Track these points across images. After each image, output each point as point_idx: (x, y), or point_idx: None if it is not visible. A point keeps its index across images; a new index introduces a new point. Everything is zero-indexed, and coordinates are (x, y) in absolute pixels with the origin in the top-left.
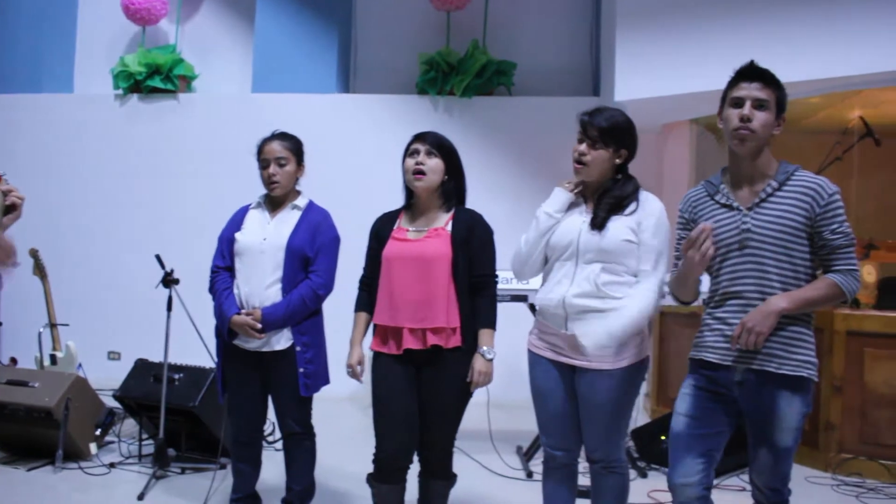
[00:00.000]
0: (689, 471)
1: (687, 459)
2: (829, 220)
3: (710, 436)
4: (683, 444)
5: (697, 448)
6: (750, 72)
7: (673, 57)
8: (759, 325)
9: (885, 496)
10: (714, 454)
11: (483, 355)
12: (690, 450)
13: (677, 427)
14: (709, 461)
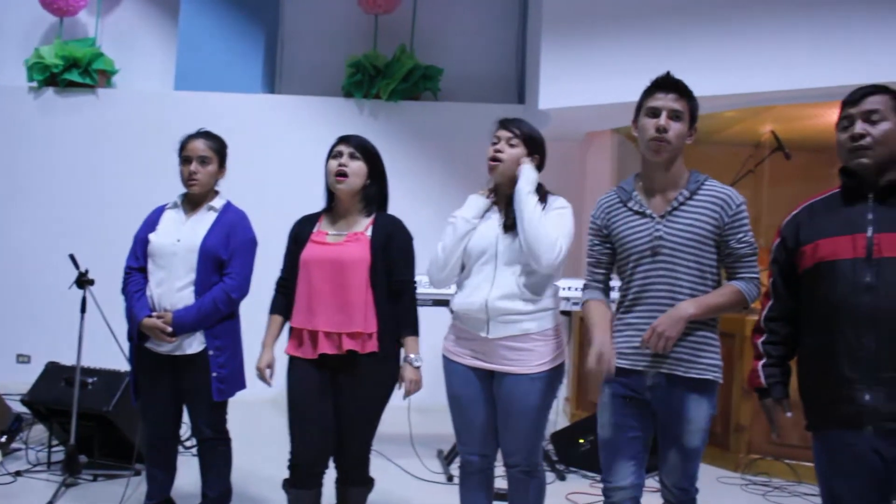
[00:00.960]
0: (620, 475)
1: (618, 464)
2: (736, 230)
3: (634, 440)
4: (613, 451)
5: (627, 452)
6: (666, 83)
7: (597, 67)
8: (668, 330)
9: (789, 494)
10: (641, 456)
11: (411, 363)
12: (620, 455)
13: (604, 435)
14: (638, 464)
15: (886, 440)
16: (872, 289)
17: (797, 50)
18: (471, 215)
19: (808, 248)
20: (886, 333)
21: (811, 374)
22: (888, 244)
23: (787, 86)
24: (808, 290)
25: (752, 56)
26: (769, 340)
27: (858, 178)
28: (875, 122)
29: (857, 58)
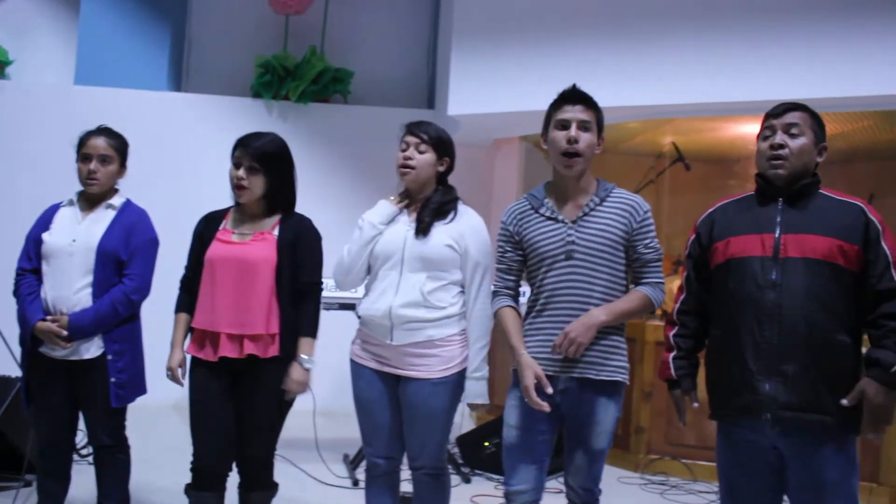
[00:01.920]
0: (523, 478)
1: (521, 468)
2: (642, 236)
3: (539, 443)
4: (517, 454)
5: (529, 456)
6: (573, 95)
7: (505, 75)
8: (580, 336)
9: (685, 492)
10: (544, 459)
11: (301, 364)
12: (523, 459)
13: (509, 438)
14: (540, 467)
15: (784, 434)
16: (777, 286)
17: (698, 65)
18: (378, 220)
19: (721, 244)
20: (787, 328)
21: (717, 363)
22: (793, 245)
23: (688, 99)
24: (718, 284)
25: (654, 70)
26: (680, 333)
27: (772, 183)
28: (794, 135)
29: (754, 75)
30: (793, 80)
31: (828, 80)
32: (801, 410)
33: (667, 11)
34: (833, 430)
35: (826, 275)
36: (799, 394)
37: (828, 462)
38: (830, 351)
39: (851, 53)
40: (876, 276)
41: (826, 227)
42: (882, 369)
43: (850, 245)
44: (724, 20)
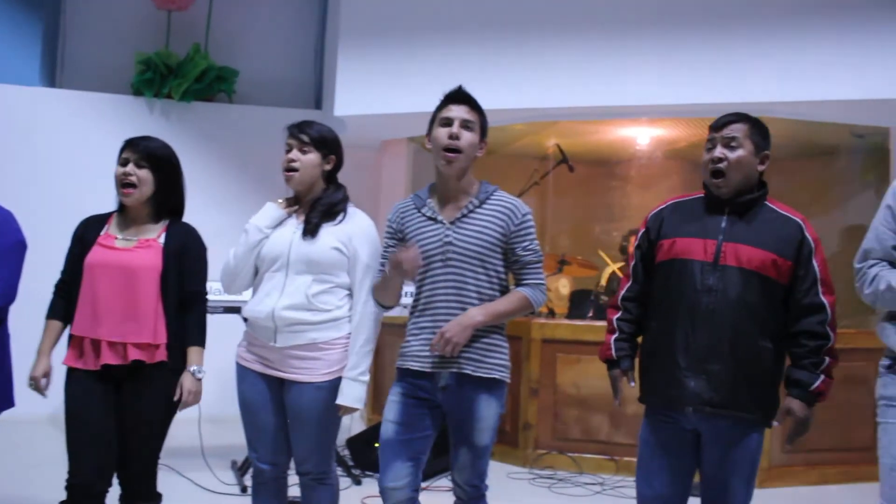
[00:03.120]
0: (398, 475)
1: (396, 464)
2: (521, 238)
3: (417, 440)
4: (393, 450)
5: (406, 453)
6: (458, 95)
7: (393, 76)
8: (456, 336)
9: (572, 485)
10: (421, 457)
11: (193, 374)
12: (399, 455)
13: (387, 434)
14: (416, 464)
15: (704, 420)
16: (713, 291)
17: (580, 70)
18: (264, 224)
19: (667, 242)
20: (717, 332)
21: (651, 354)
22: (732, 254)
23: (571, 103)
24: (660, 280)
25: (539, 73)
26: (623, 318)
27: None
28: (733, 147)
29: (632, 80)
30: (668, 86)
31: (698, 87)
32: (722, 407)
33: (550, 17)
34: (751, 423)
35: (758, 285)
36: (721, 392)
37: (740, 446)
38: (753, 355)
39: (722, 62)
40: (802, 291)
41: (764, 241)
42: (802, 389)
43: (783, 260)
44: (604, 27)
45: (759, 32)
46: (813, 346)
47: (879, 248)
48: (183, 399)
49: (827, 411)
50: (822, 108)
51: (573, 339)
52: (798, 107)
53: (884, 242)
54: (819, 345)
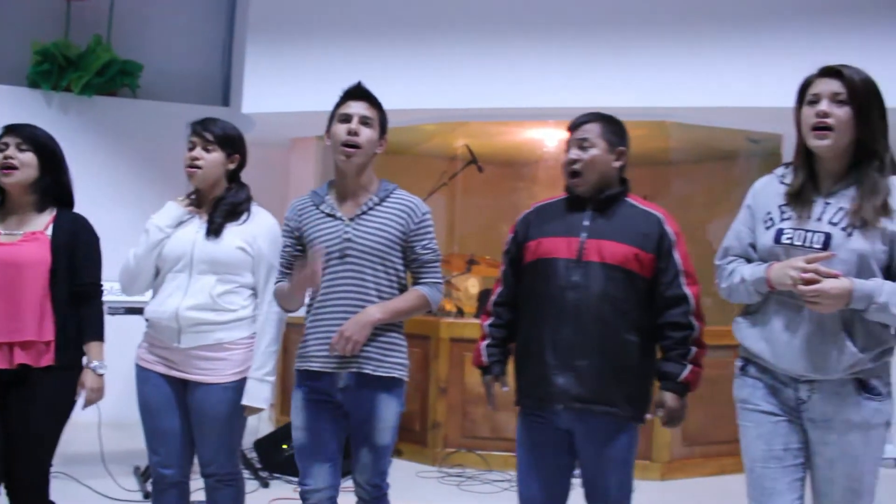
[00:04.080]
0: (317, 479)
1: (314, 468)
2: (420, 236)
3: (330, 442)
4: (307, 456)
5: (323, 455)
6: (357, 92)
7: (301, 74)
8: (355, 334)
9: (480, 482)
10: (337, 457)
11: (94, 370)
12: (316, 457)
13: (298, 441)
14: (334, 465)
15: (576, 419)
16: (578, 287)
17: (489, 71)
18: (164, 224)
19: (532, 244)
20: (583, 327)
21: (522, 355)
22: (595, 250)
23: (480, 104)
24: (527, 281)
25: (448, 74)
26: (494, 323)
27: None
28: (585, 148)
29: (540, 83)
30: (573, 90)
31: (602, 91)
32: (591, 402)
33: (460, 18)
34: (620, 418)
35: (621, 279)
36: (589, 387)
37: (613, 443)
38: (620, 349)
39: (624, 67)
40: (665, 284)
41: (626, 235)
42: (671, 381)
43: (645, 253)
44: (513, 30)
45: (662, 40)
46: (679, 337)
47: (738, 246)
48: (85, 397)
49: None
50: (719, 114)
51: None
52: (696, 112)
53: (742, 240)
54: (684, 335)
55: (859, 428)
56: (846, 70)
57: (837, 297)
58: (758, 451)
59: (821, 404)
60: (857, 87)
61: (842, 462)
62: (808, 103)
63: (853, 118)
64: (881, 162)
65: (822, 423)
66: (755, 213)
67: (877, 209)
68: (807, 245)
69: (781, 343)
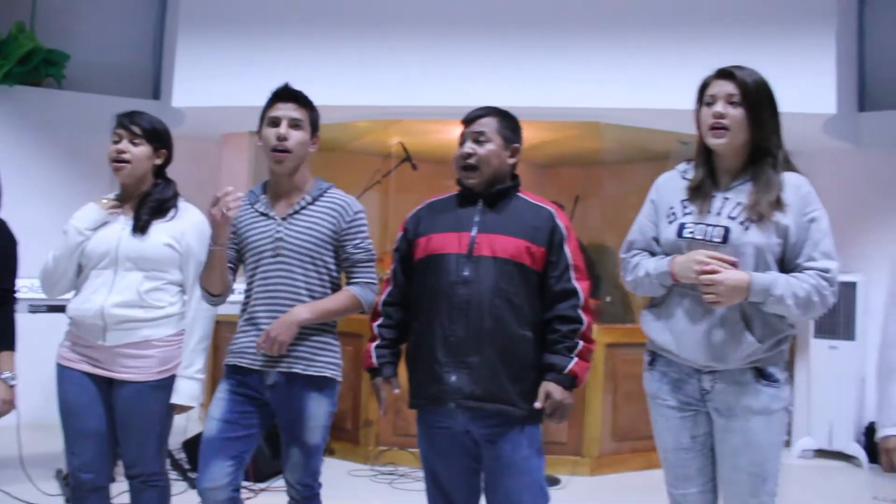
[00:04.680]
0: (217, 474)
1: (216, 463)
2: (353, 236)
3: (242, 439)
4: (214, 449)
5: (228, 451)
6: (284, 93)
7: (234, 68)
8: (282, 335)
9: (413, 480)
10: (244, 456)
11: (5, 381)
12: (220, 454)
13: (210, 431)
14: (238, 463)
15: (473, 420)
16: (469, 282)
17: (422, 69)
18: (84, 226)
19: (423, 240)
20: (475, 323)
21: (414, 354)
22: (486, 244)
23: (414, 101)
24: (418, 278)
25: (382, 71)
26: (384, 324)
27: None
28: (481, 142)
29: (472, 81)
30: (507, 89)
31: (535, 90)
32: (484, 400)
33: (395, 14)
34: (515, 417)
35: (513, 273)
36: (482, 385)
37: (514, 444)
38: (513, 344)
39: (557, 67)
40: (555, 277)
41: (517, 229)
42: (557, 372)
43: (537, 247)
44: (448, 27)
45: (595, 41)
46: (566, 330)
47: (642, 239)
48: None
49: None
50: (650, 115)
51: None
52: (628, 113)
53: (645, 234)
54: (572, 329)
55: (760, 414)
56: (738, 72)
57: (735, 288)
58: (668, 442)
59: (723, 394)
60: (749, 88)
61: (745, 449)
62: (705, 104)
63: (746, 118)
64: (774, 159)
65: (726, 412)
66: (658, 207)
67: (771, 204)
68: (707, 239)
69: (684, 334)
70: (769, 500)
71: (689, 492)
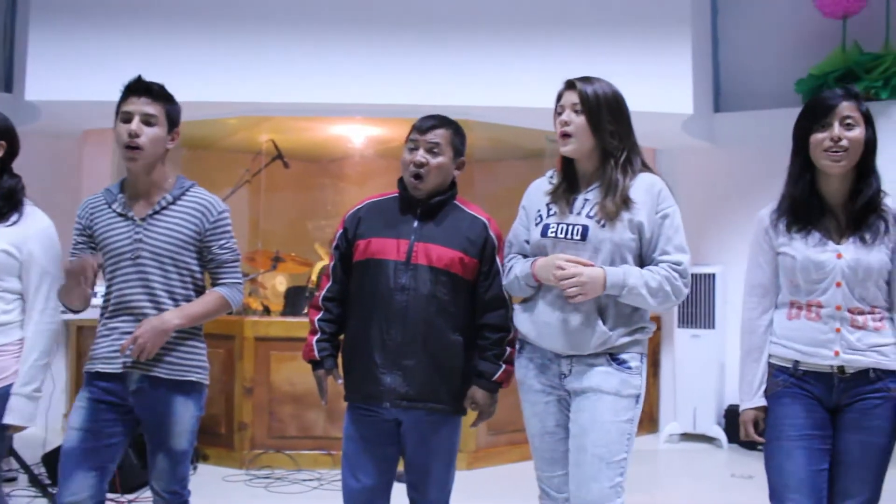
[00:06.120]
0: (79, 487)
1: (77, 475)
2: (218, 236)
3: (104, 448)
4: (75, 460)
5: (90, 462)
6: (137, 87)
7: (95, 60)
8: (150, 341)
9: (289, 482)
10: (109, 466)
11: None
12: (82, 465)
13: (69, 442)
14: (101, 474)
15: (403, 411)
16: (406, 289)
17: (295, 65)
18: None
19: (363, 242)
20: (410, 328)
21: (350, 353)
22: (423, 253)
23: (285, 98)
24: (357, 279)
25: (254, 67)
26: (324, 318)
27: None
28: (435, 153)
29: (347, 78)
30: (378, 87)
31: (406, 88)
32: (416, 400)
33: (266, 11)
34: (446, 414)
35: (447, 282)
36: (415, 386)
37: (437, 434)
38: (445, 349)
39: (427, 65)
40: (486, 286)
41: (452, 240)
42: (486, 379)
43: (470, 258)
44: (319, 24)
45: (463, 39)
46: (496, 338)
47: (516, 244)
48: None
49: None
50: (517, 113)
51: (287, 336)
52: (496, 111)
53: (519, 238)
54: (501, 337)
55: (609, 396)
56: (579, 84)
57: (591, 284)
58: (535, 427)
59: (578, 376)
60: (587, 97)
61: (592, 428)
62: (556, 113)
63: (588, 125)
64: (615, 160)
65: (580, 393)
66: (528, 212)
67: (617, 204)
68: (568, 237)
69: (545, 325)
70: (609, 484)
71: (555, 475)
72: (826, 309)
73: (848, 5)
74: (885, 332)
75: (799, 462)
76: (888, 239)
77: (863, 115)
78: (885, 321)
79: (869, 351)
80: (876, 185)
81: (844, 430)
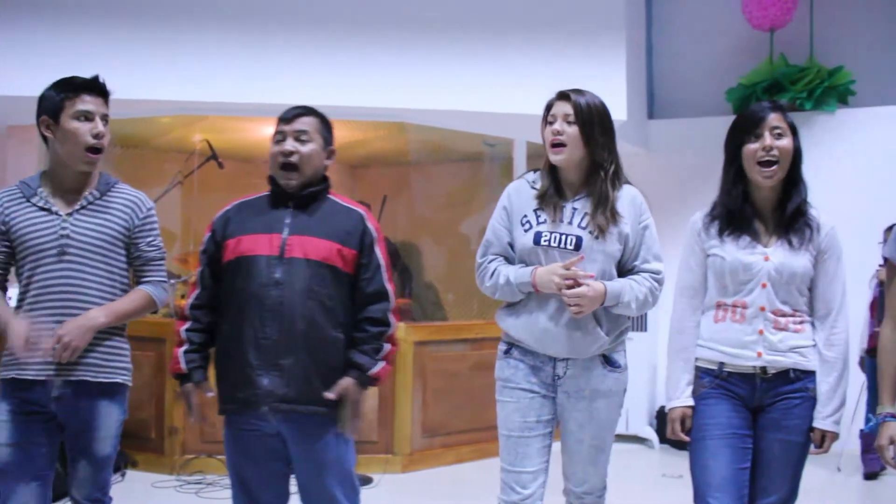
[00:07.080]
0: (25, 499)
1: (20, 489)
2: (146, 233)
3: (38, 459)
4: (12, 476)
5: (28, 474)
6: (97, 87)
7: (19, 54)
8: (75, 340)
9: (221, 488)
10: (47, 474)
11: None
12: (21, 479)
13: (3, 458)
14: (43, 483)
15: (285, 421)
16: (280, 284)
17: (231, 64)
18: None
19: (232, 242)
20: (287, 325)
21: (223, 358)
22: (298, 246)
23: (219, 97)
24: (227, 281)
25: (188, 65)
26: (192, 328)
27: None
28: (304, 141)
29: (284, 78)
30: (313, 87)
31: (342, 89)
32: (297, 402)
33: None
34: (328, 418)
35: (325, 275)
36: (295, 387)
37: (325, 444)
38: (325, 346)
39: (364, 67)
40: (366, 279)
41: (328, 232)
42: (361, 372)
43: (348, 249)
44: (259, 22)
45: (401, 43)
46: (375, 332)
47: (498, 245)
48: None
49: (460, 396)
50: (454, 117)
51: None
52: (432, 115)
53: (501, 239)
54: (380, 331)
55: (604, 395)
56: (573, 95)
57: (595, 298)
58: (514, 422)
59: (574, 377)
60: (581, 108)
61: (590, 425)
62: (547, 122)
63: (580, 135)
64: (605, 173)
65: (576, 394)
66: (511, 214)
67: (608, 218)
68: (562, 247)
69: (543, 331)
70: (603, 468)
71: (525, 470)
72: (750, 309)
73: (775, 18)
74: (805, 335)
75: (723, 461)
76: (812, 246)
77: (789, 125)
78: (806, 324)
79: (789, 352)
80: (804, 193)
81: (766, 429)
